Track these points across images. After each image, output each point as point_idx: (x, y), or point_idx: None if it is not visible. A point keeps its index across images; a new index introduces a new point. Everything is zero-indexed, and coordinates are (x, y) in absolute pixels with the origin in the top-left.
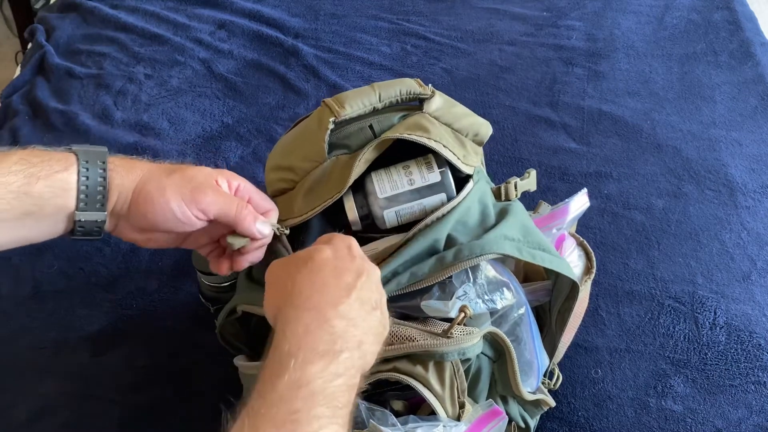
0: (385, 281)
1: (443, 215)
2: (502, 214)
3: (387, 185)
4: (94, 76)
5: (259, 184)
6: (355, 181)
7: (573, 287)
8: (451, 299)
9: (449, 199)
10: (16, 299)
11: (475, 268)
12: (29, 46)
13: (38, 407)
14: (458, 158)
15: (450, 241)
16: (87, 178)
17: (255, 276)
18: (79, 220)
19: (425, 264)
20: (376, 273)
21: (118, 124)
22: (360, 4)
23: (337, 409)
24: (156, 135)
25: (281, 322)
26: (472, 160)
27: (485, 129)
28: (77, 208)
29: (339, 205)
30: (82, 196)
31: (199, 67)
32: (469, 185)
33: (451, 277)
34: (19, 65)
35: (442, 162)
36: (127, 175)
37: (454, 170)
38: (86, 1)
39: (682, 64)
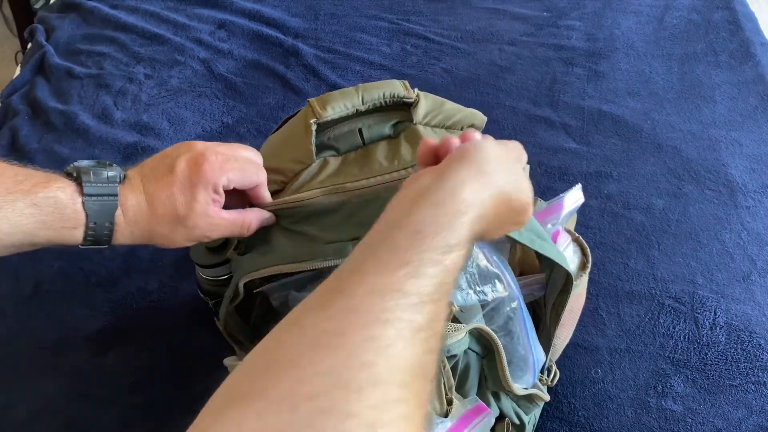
0: None
1: None
2: None
3: None
4: (94, 76)
5: None
6: None
7: (567, 280)
8: None
9: None
10: (16, 299)
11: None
12: (29, 46)
13: (38, 407)
14: None
15: None
16: (94, 231)
17: (245, 250)
18: (85, 247)
19: None
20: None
21: (118, 124)
22: (360, 4)
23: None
24: (156, 135)
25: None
26: None
27: (480, 118)
28: (82, 245)
29: None
30: (87, 244)
31: (199, 67)
32: None
33: None
34: (19, 65)
35: None
36: (132, 230)
37: None
38: (86, 1)
39: (682, 64)
